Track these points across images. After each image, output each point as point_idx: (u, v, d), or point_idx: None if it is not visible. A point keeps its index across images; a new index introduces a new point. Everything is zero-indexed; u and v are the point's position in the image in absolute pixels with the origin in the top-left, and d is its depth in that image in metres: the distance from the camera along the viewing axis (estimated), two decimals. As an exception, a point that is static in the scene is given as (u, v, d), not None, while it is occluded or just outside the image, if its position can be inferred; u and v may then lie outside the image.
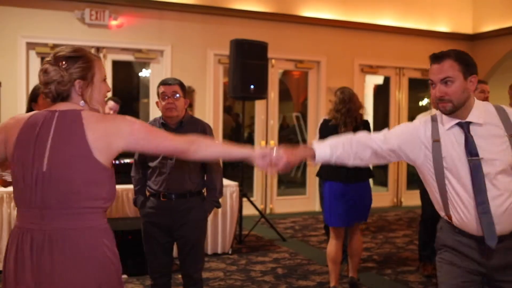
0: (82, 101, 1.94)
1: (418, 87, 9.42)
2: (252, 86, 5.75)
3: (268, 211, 7.92)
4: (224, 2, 7.48)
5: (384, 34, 8.61)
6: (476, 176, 2.21)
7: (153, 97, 7.29)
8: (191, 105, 7.28)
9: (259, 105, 7.81)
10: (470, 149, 2.23)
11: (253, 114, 8.04)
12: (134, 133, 1.92)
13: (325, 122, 4.41)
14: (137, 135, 1.93)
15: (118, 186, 5.30)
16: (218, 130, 7.58)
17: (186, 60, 7.29)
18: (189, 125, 3.33)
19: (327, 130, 4.27)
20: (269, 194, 7.98)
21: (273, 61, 7.75)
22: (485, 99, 4.38)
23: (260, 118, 7.92)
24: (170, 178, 3.30)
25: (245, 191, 6.44)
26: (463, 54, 2.34)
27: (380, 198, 8.48)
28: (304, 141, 8.57)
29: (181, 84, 3.37)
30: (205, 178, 3.51)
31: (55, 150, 1.86)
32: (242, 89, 5.70)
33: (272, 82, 7.77)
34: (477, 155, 2.22)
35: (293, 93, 9.62)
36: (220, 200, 5.43)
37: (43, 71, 1.92)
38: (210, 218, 5.50)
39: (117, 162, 5.38)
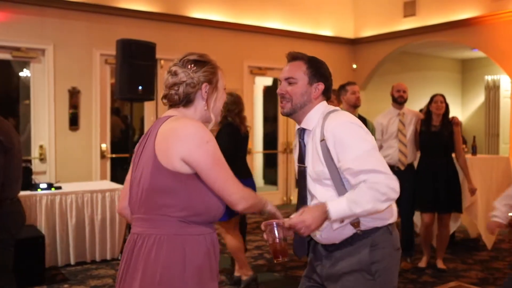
0: (205, 105, 1.95)
1: (305, 88, 9.75)
2: (140, 87, 5.63)
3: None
4: (110, 1, 7.26)
5: (272, 36, 8.82)
6: (300, 183, 2.24)
7: (35, 98, 6.92)
8: (76, 107, 7.00)
9: (148, 106, 7.68)
10: (300, 156, 2.25)
11: (142, 115, 7.89)
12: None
13: (232, 125, 4.48)
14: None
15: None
16: (106, 132, 7.34)
17: (70, 60, 6.97)
18: None
19: (235, 130, 4.43)
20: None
21: (162, 62, 7.66)
22: (357, 99, 4.73)
23: (149, 119, 7.78)
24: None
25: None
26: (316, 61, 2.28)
27: (270, 197, 8.68)
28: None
29: None
30: None
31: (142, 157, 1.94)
32: (130, 90, 5.56)
33: (162, 83, 7.62)
34: (303, 162, 2.22)
35: (183, 94, 9.55)
36: (108, 203, 5.32)
37: (172, 73, 1.95)
38: (98, 223, 5.33)
39: None
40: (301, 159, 2.23)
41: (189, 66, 1.93)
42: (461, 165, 5.16)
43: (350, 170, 2.03)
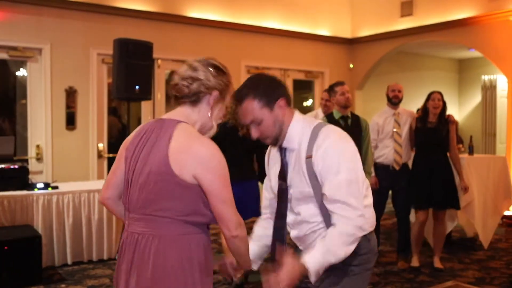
0: (209, 112, 1.97)
1: (302, 88, 9.78)
2: (137, 87, 5.62)
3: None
4: (107, 0, 7.24)
5: (270, 36, 8.82)
6: (280, 200, 2.22)
7: (31, 98, 6.90)
8: (72, 106, 6.98)
9: (145, 106, 7.67)
10: (281, 173, 2.21)
11: (140, 115, 7.88)
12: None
13: (224, 127, 4.50)
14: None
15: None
16: (103, 132, 7.33)
17: (67, 59, 6.95)
18: None
19: (229, 132, 4.44)
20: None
21: (159, 61, 7.64)
22: (347, 99, 4.64)
23: (146, 119, 7.77)
24: None
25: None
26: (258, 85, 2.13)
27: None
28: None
29: None
30: None
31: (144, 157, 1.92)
32: (127, 89, 5.55)
33: (159, 83, 7.66)
34: (285, 180, 2.19)
35: (180, 94, 9.54)
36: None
37: (192, 67, 1.96)
38: (95, 223, 5.33)
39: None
40: (283, 176, 2.21)
41: (210, 69, 1.95)
42: (454, 162, 5.18)
43: (325, 197, 2.05)
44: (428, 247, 5.65)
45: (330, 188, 2.02)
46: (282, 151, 2.20)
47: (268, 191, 2.37)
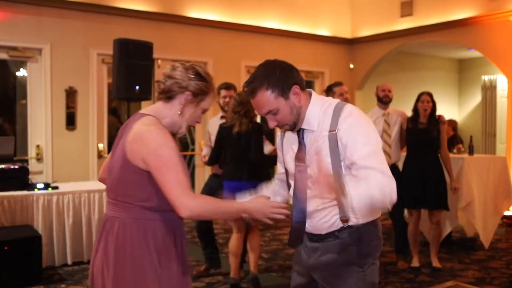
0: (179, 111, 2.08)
1: (302, 88, 9.77)
2: (137, 87, 5.62)
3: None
4: (107, 0, 7.25)
5: (269, 36, 8.82)
6: (299, 183, 2.20)
7: (32, 98, 6.90)
8: (73, 106, 6.99)
9: (145, 106, 7.65)
10: (299, 156, 2.19)
11: (139, 115, 7.88)
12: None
13: (221, 127, 4.56)
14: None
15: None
16: (103, 132, 7.33)
17: (67, 59, 6.96)
18: None
19: (224, 132, 4.47)
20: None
21: (159, 61, 7.64)
22: (345, 100, 4.64)
23: (147, 119, 7.77)
24: None
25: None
26: (271, 73, 2.09)
27: (268, 196, 8.67)
28: (193, 142, 8.55)
29: None
30: None
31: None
32: (127, 89, 5.55)
33: (159, 83, 7.66)
34: (303, 162, 2.17)
35: (181, 94, 9.54)
36: (105, 203, 5.31)
37: (173, 67, 2.10)
38: (95, 223, 5.33)
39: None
40: (301, 158, 2.18)
41: (189, 72, 2.08)
42: (444, 162, 5.19)
43: (355, 165, 2.02)
44: (428, 247, 5.64)
45: (361, 157, 1.99)
46: (300, 133, 2.19)
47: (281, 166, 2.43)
